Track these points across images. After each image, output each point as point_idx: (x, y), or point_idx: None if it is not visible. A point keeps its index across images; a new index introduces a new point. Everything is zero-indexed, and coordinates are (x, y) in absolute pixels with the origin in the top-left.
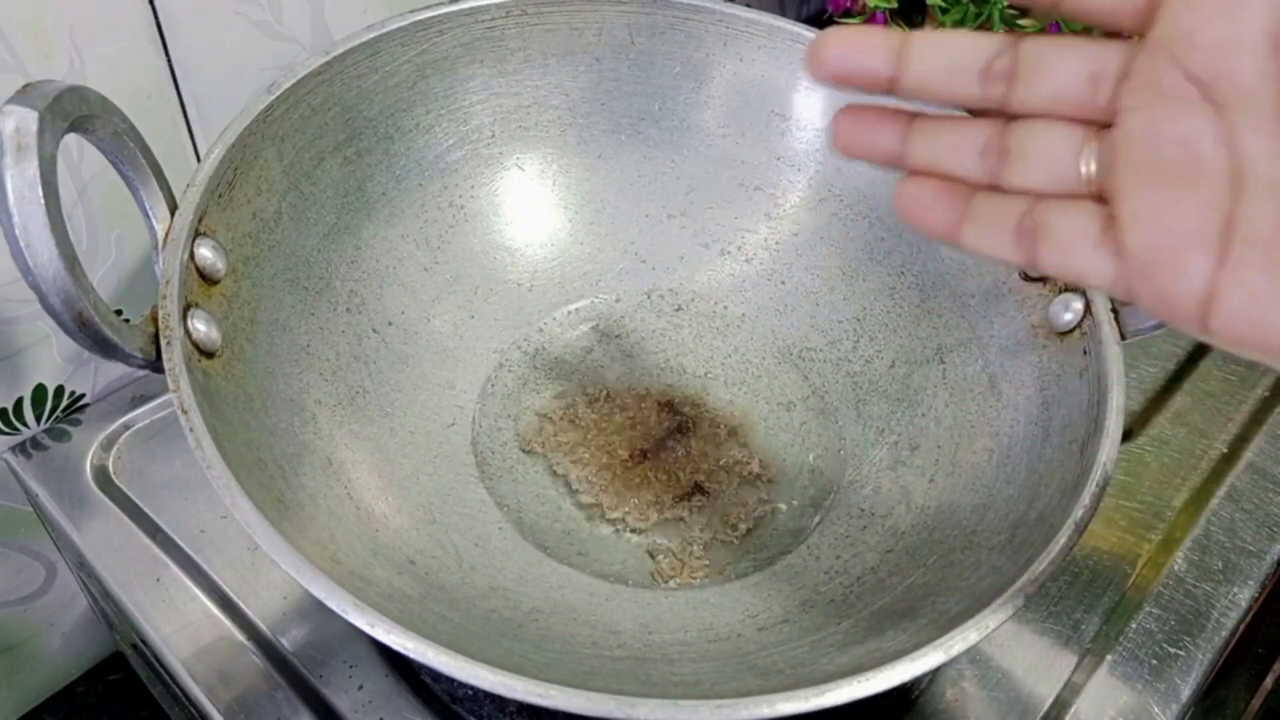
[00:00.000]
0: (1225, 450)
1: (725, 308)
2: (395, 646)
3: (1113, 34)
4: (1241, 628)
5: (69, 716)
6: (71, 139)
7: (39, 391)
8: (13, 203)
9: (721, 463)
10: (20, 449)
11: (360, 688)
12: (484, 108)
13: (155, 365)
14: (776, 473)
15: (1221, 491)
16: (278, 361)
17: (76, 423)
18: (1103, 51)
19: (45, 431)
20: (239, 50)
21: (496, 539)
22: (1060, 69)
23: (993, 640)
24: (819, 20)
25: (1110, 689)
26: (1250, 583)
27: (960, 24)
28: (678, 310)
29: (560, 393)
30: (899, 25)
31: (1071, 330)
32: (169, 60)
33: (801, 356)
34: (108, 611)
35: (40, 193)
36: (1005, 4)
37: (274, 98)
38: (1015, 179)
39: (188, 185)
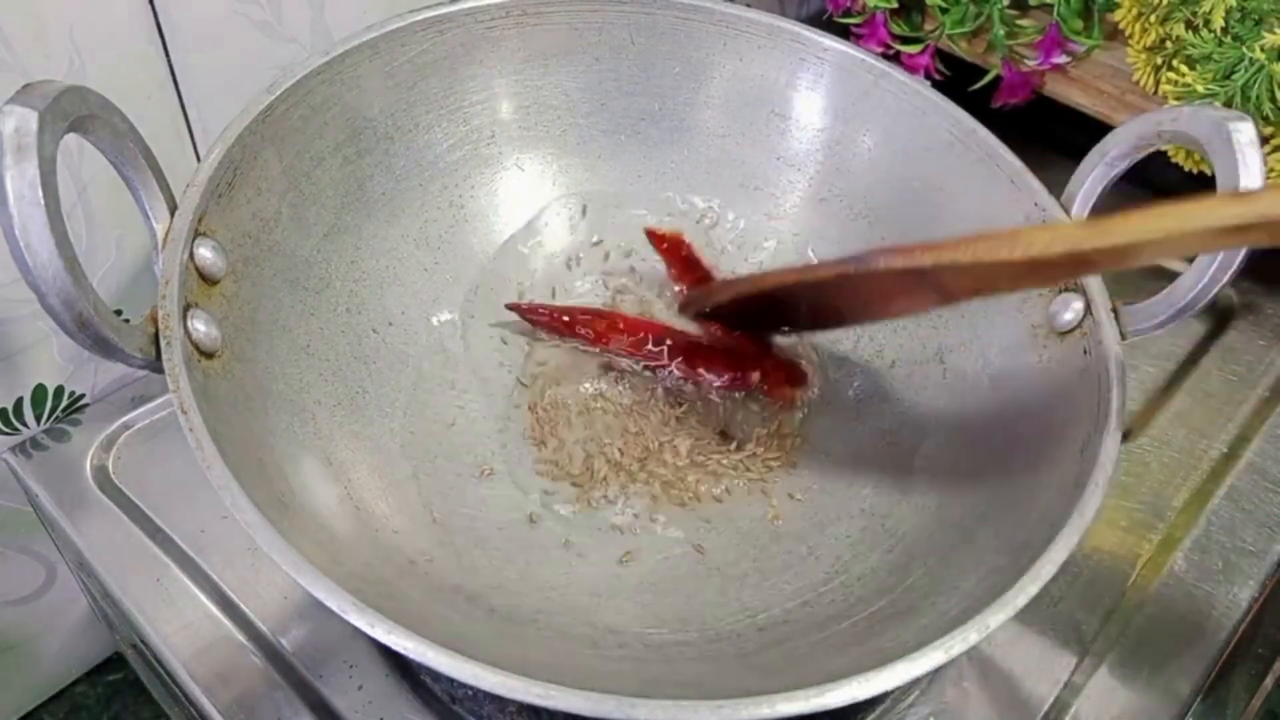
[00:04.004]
0: (1225, 450)
1: None
2: (395, 646)
3: None
4: (1241, 628)
5: (69, 716)
6: (71, 139)
7: (39, 391)
8: (13, 203)
9: (721, 463)
10: (20, 449)
11: (360, 688)
12: (484, 108)
13: (155, 365)
14: (777, 474)
15: (1221, 491)
16: (277, 362)
17: (76, 423)
18: None
19: (45, 431)
20: (239, 50)
21: (496, 539)
22: None
23: (993, 640)
24: (819, 20)
25: (1110, 689)
26: (1250, 583)
27: (960, 24)
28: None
29: (560, 393)
30: (898, 25)
31: (1071, 330)
32: (169, 60)
33: (801, 356)
34: (108, 611)
35: (40, 193)
36: (1005, 4)
37: (274, 98)
38: None
39: (187, 185)
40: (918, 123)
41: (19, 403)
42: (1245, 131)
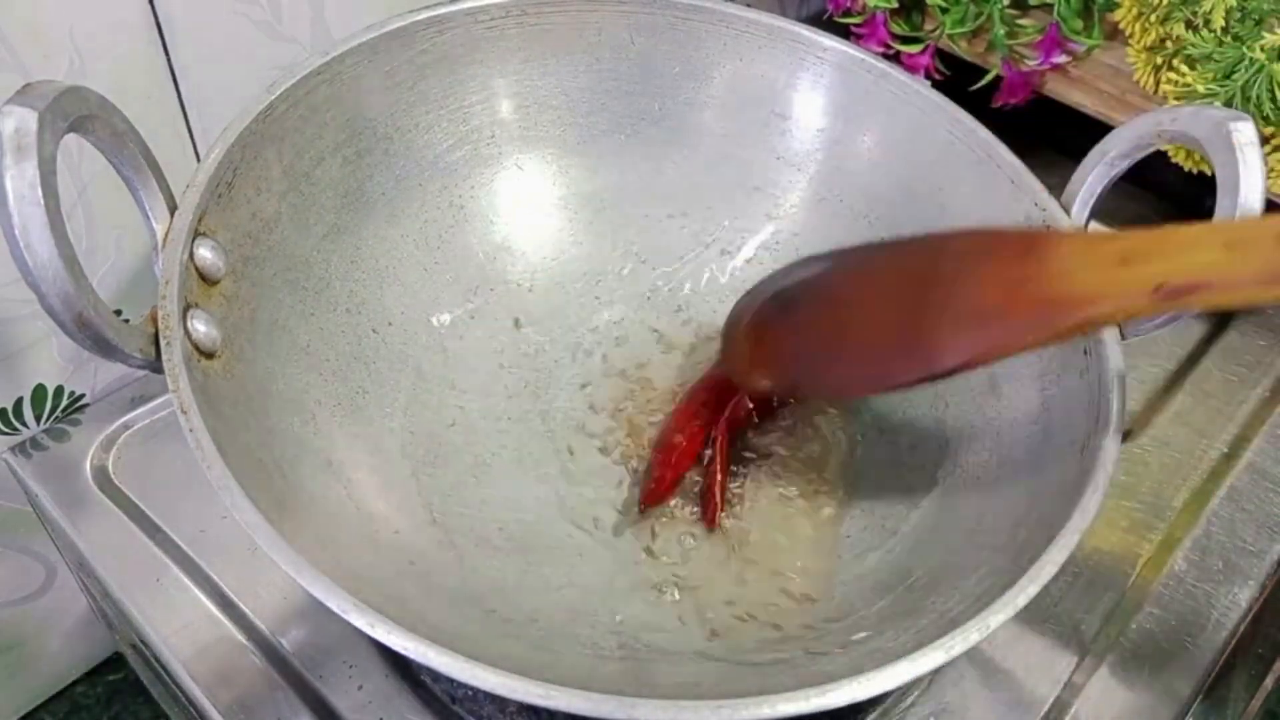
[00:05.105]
0: (1225, 450)
1: (726, 308)
2: (395, 647)
3: None
4: (1242, 628)
5: (69, 716)
6: (71, 139)
7: (39, 391)
8: (12, 203)
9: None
10: (20, 449)
11: (360, 688)
12: (484, 108)
13: (155, 366)
14: (777, 473)
15: (1222, 491)
16: (277, 362)
17: (76, 423)
18: None
19: (45, 432)
20: (239, 50)
21: (497, 539)
22: None
23: (993, 640)
24: (819, 20)
25: (1110, 689)
26: (1250, 583)
27: (960, 24)
28: (677, 310)
29: (560, 393)
30: (898, 25)
31: None
32: (169, 60)
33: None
34: (108, 612)
35: (40, 193)
36: (1005, 4)
37: (274, 98)
38: None
39: (187, 185)
40: (918, 123)
41: (19, 403)
42: (1245, 131)
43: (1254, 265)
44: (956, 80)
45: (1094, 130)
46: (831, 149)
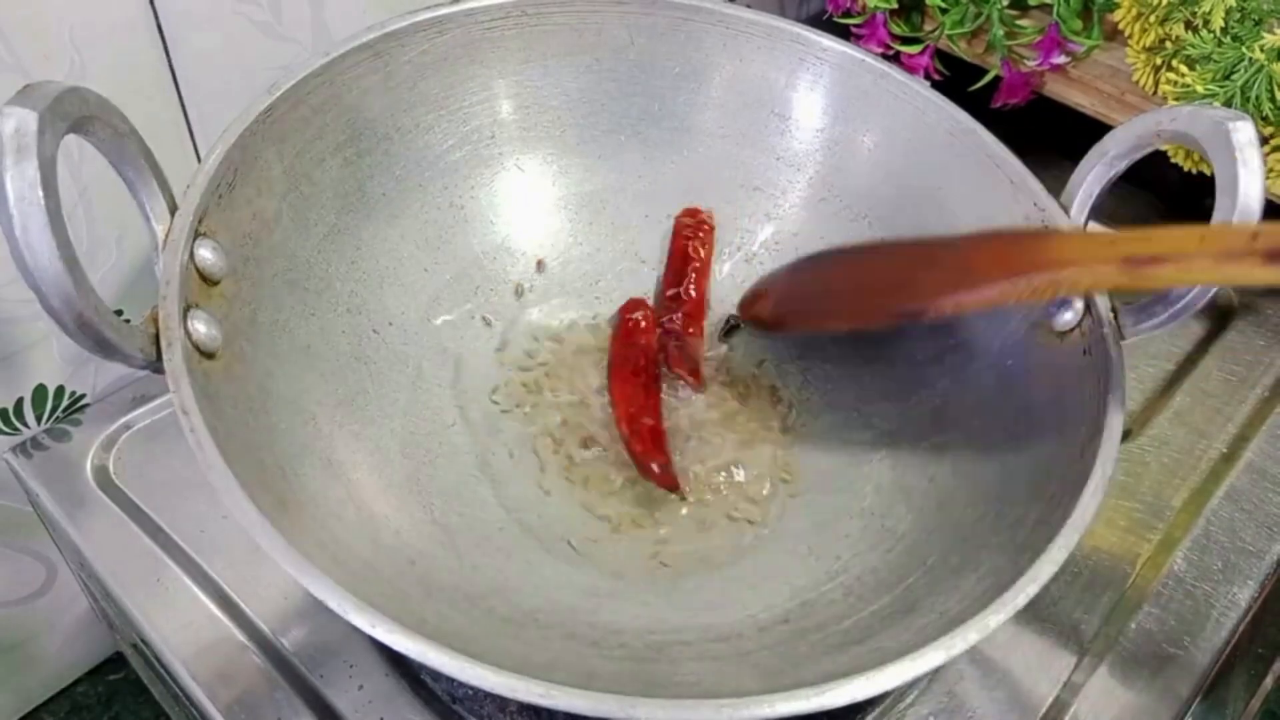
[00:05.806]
0: (1225, 450)
1: (726, 308)
2: (396, 647)
3: None
4: (1241, 628)
5: (69, 716)
6: (72, 139)
7: (39, 392)
8: (13, 204)
9: (723, 463)
10: (21, 449)
11: (360, 688)
12: (484, 108)
13: (156, 366)
14: (777, 473)
15: (1221, 491)
16: (278, 362)
17: (77, 423)
18: None
19: (46, 431)
20: (239, 50)
21: (497, 539)
22: None
23: (993, 640)
24: (819, 21)
25: (1110, 689)
26: (1250, 582)
27: (960, 24)
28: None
29: (560, 393)
30: (898, 25)
31: (1071, 330)
32: (169, 60)
33: (802, 357)
34: (108, 611)
35: (40, 194)
36: (1004, 4)
37: (274, 98)
38: None
39: (188, 186)
40: (918, 123)
41: (19, 403)
42: (1244, 131)
43: (1215, 246)
44: (956, 80)
45: (1093, 130)
46: (831, 149)
